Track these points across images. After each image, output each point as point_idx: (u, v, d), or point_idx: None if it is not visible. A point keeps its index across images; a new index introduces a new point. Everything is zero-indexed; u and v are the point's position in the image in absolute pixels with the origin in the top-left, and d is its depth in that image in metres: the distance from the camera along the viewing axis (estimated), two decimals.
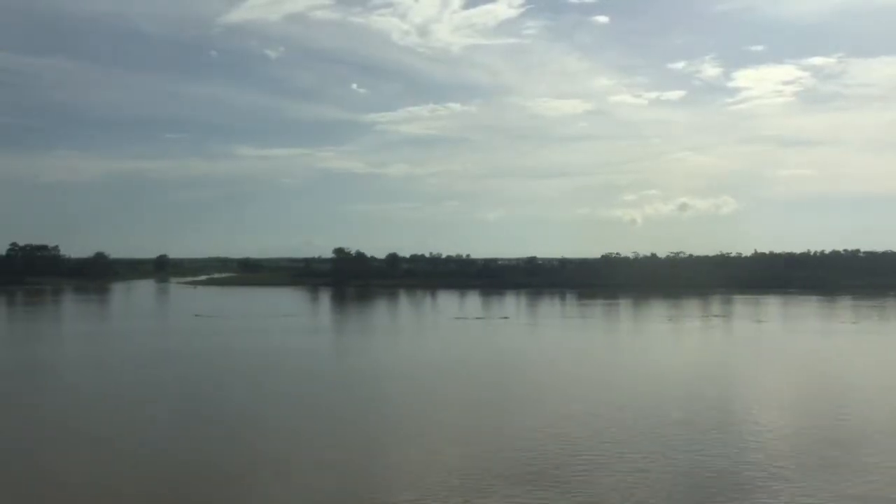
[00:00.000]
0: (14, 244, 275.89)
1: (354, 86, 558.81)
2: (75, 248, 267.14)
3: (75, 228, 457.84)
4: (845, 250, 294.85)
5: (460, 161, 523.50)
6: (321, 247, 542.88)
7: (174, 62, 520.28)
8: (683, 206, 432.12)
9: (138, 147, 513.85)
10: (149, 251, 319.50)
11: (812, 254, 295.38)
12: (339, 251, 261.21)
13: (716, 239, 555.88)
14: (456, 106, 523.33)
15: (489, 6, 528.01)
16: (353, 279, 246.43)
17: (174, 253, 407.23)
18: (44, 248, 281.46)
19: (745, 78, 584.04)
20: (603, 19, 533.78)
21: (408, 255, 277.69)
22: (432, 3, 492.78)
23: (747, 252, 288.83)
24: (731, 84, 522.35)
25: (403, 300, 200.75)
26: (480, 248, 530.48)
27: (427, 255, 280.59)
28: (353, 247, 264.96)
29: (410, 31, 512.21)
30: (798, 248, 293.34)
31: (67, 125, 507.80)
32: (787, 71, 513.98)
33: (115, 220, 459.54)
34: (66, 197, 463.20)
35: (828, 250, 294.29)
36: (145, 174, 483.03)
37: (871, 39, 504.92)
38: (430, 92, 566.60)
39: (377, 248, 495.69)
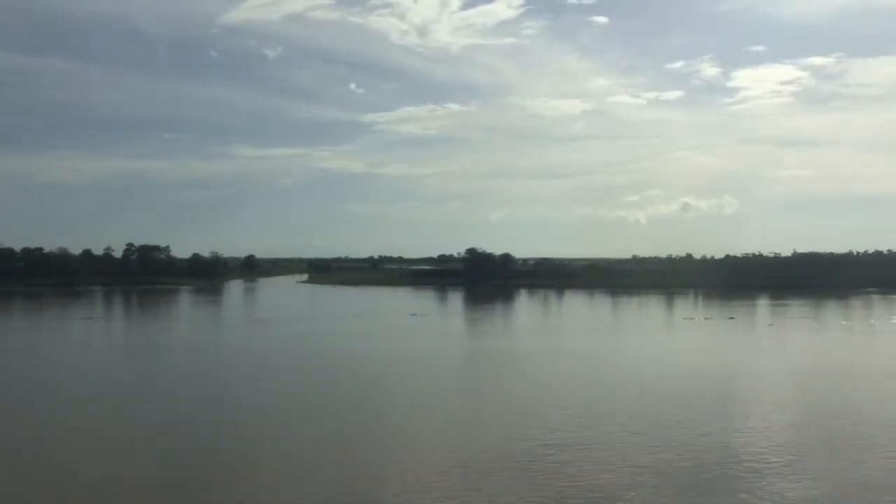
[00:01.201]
0: (130, 244, 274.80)
1: (353, 86, 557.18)
2: (75, 247, 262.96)
3: (74, 228, 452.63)
4: (889, 250, 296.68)
5: (459, 161, 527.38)
6: (320, 247, 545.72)
7: (174, 62, 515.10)
8: (686, 207, 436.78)
9: (138, 147, 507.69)
10: None
11: (856, 254, 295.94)
12: (471, 251, 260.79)
13: (722, 240, 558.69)
14: (455, 106, 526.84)
15: (488, 6, 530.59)
16: (484, 279, 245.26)
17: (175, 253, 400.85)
18: (157, 248, 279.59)
19: (743, 78, 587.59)
20: (602, 20, 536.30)
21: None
22: (431, 4, 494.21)
23: (786, 252, 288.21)
24: (729, 84, 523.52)
25: (580, 300, 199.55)
26: (484, 248, 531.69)
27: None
28: (352, 247, 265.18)
29: (409, 32, 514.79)
30: (801, 248, 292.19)
31: (67, 125, 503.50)
32: (787, 71, 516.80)
33: (114, 220, 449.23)
34: (65, 197, 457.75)
35: (870, 250, 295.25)
36: (144, 174, 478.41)
37: (871, 40, 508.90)
38: (429, 92, 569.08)
39: (379, 249, 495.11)
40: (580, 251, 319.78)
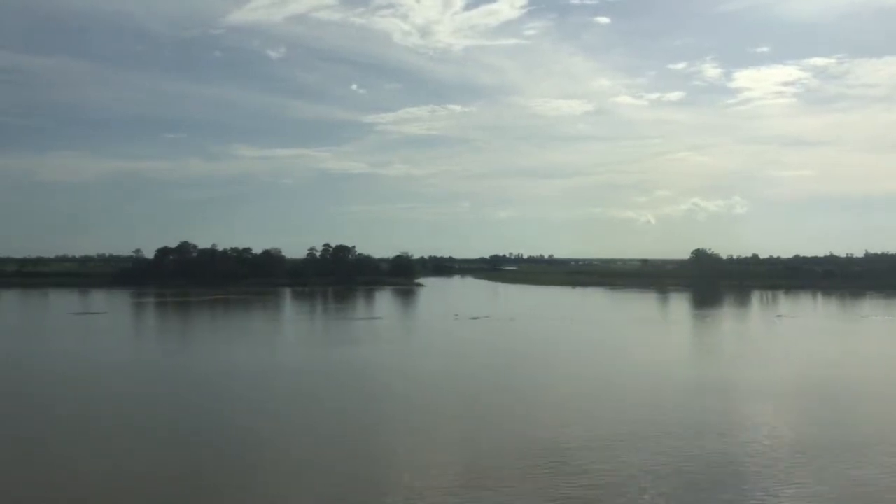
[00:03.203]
0: (327, 245, 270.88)
1: (355, 86, 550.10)
2: (77, 247, 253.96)
3: (74, 228, 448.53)
4: None
5: (462, 162, 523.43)
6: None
7: (177, 62, 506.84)
8: (695, 207, 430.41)
9: (138, 147, 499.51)
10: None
11: None
12: (697, 251, 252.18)
13: (731, 239, 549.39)
14: (457, 107, 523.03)
15: (491, 7, 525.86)
16: (713, 279, 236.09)
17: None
18: (346, 248, 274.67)
19: (746, 78, 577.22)
20: (605, 20, 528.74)
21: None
22: (434, 4, 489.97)
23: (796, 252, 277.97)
24: (731, 85, 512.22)
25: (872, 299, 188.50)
26: (490, 249, 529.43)
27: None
28: (358, 248, 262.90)
29: (412, 32, 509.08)
30: (804, 249, 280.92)
31: (67, 125, 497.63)
32: (789, 72, 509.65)
33: (114, 219, 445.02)
34: (65, 197, 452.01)
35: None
36: (144, 174, 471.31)
37: (874, 40, 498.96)
38: (431, 93, 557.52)
39: (380, 249, 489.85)
40: (589, 252, 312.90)
